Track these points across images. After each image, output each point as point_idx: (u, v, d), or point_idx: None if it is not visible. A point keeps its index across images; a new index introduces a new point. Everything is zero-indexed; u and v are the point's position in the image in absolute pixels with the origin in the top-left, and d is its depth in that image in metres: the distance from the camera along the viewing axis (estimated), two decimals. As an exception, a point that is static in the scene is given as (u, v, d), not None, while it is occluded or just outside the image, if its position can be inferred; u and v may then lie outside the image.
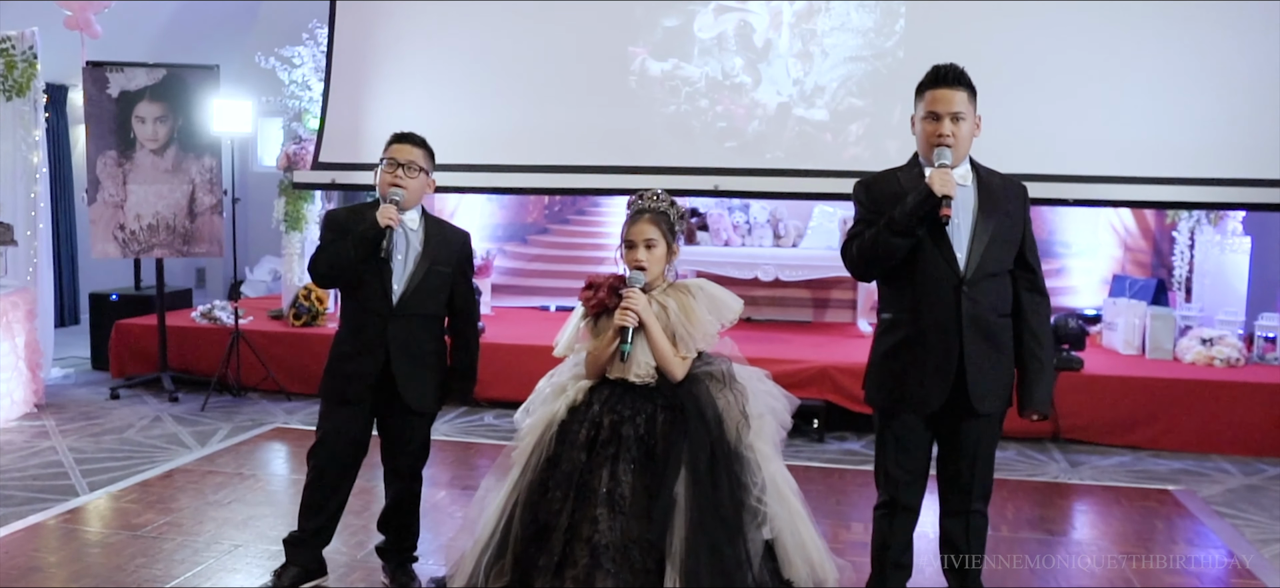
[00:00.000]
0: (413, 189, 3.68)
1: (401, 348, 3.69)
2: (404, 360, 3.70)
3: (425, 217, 3.81)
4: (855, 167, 7.08)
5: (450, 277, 3.81)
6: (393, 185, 3.63)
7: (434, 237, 3.78)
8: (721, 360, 3.32)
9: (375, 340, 3.68)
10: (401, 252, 3.69)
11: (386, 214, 3.56)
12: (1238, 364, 6.53)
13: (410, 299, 3.70)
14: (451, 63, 7.79)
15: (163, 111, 7.27)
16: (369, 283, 3.67)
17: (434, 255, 3.74)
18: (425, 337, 3.78)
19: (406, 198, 3.66)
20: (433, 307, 3.79)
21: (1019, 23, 6.91)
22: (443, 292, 3.80)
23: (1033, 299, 3.33)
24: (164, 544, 4.34)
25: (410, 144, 3.73)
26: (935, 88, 3.24)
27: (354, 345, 3.72)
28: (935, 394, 3.23)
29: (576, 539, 2.96)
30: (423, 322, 3.76)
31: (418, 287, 3.70)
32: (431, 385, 3.81)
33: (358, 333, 3.72)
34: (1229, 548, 4.57)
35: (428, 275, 3.72)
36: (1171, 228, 7.80)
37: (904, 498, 3.38)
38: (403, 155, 3.68)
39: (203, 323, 7.61)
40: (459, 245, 3.86)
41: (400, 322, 3.69)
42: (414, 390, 3.73)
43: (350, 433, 3.77)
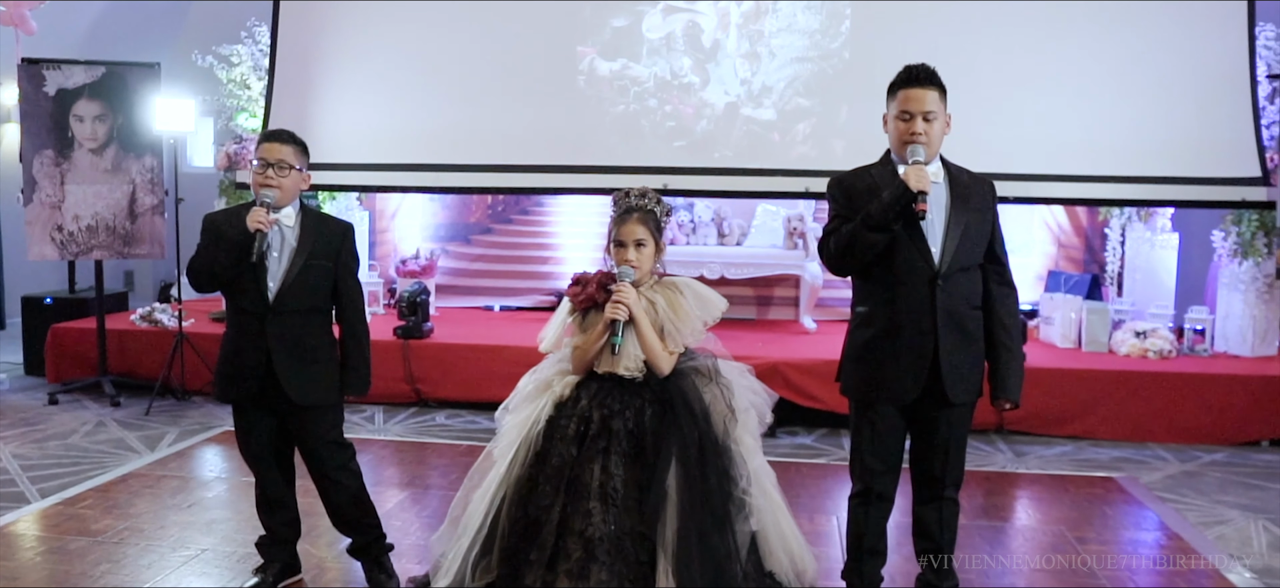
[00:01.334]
0: (285, 187, 3.63)
1: (282, 344, 3.65)
2: (285, 357, 3.65)
3: (304, 211, 3.76)
4: (802, 165, 7.25)
5: (331, 269, 3.75)
6: (264, 186, 3.59)
7: (311, 230, 3.72)
8: (706, 356, 3.39)
9: (255, 339, 3.64)
10: (277, 248, 3.65)
11: (255, 218, 3.52)
12: (1169, 356, 6.77)
13: (287, 295, 3.65)
14: (398, 61, 7.74)
15: (102, 110, 7.11)
16: (245, 283, 3.63)
17: (311, 249, 3.69)
18: (308, 331, 3.72)
19: (279, 197, 3.62)
20: (313, 300, 3.73)
21: (959, 27, 7.09)
22: (323, 284, 3.75)
23: (1002, 291, 3.45)
24: (127, 549, 4.28)
25: (279, 142, 3.67)
26: (907, 87, 3.34)
27: (236, 345, 3.70)
28: (911, 385, 3.33)
29: (569, 533, 3.00)
30: (303, 317, 3.70)
31: (294, 282, 3.66)
32: (319, 379, 3.74)
33: (239, 334, 3.69)
34: (1171, 529, 4.76)
35: (304, 270, 3.67)
36: (1103, 225, 8.07)
37: (879, 487, 3.47)
38: (272, 154, 3.63)
39: (143, 326, 7.46)
40: (338, 237, 3.80)
41: (279, 319, 3.64)
42: (298, 386, 3.67)
43: (257, 431, 3.77)
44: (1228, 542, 4.65)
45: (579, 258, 8.79)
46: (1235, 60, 6.93)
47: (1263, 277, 6.93)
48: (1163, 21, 7.01)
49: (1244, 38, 6.92)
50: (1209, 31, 6.98)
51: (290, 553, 3.90)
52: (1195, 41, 6.99)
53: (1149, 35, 7.02)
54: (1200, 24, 6.99)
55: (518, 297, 8.84)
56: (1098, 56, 7.10)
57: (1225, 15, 6.96)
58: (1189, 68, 6.98)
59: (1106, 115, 7.07)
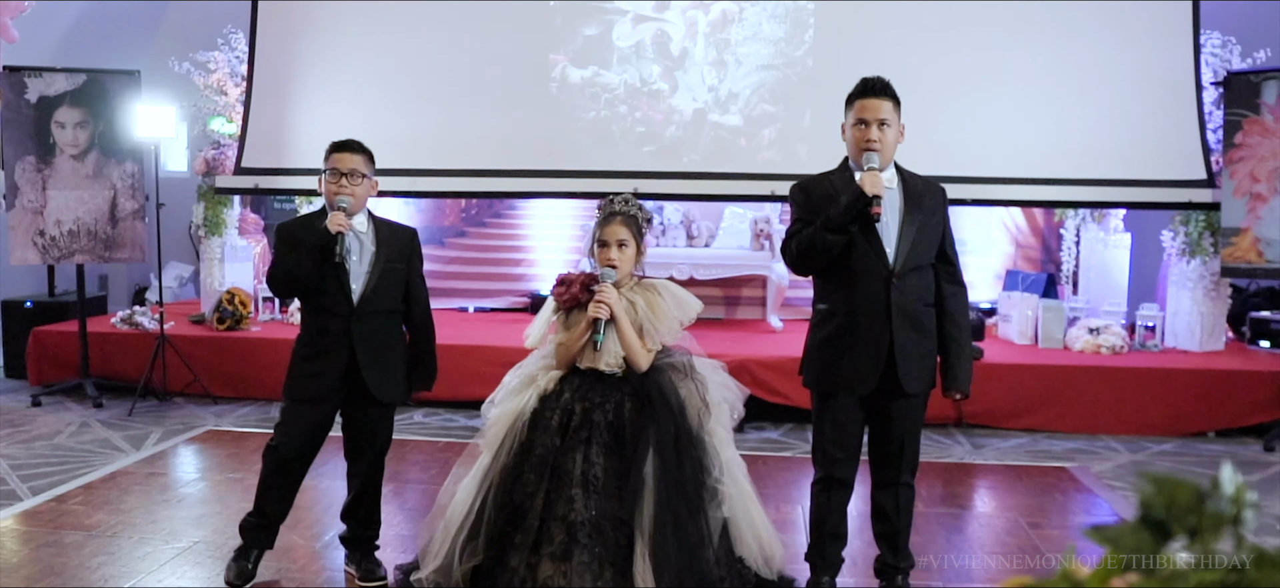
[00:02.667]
0: (358, 195, 3.86)
1: (366, 345, 3.87)
2: (369, 356, 3.88)
3: (372, 218, 3.99)
4: (768, 169, 7.47)
5: (404, 272, 3.99)
6: (338, 193, 3.81)
7: (385, 235, 3.97)
8: (681, 353, 3.61)
9: (340, 340, 3.85)
10: (356, 254, 3.86)
11: (336, 221, 3.74)
12: (1122, 352, 7.05)
13: (371, 297, 3.88)
14: (374, 68, 7.90)
15: (83, 117, 7.25)
16: (328, 287, 3.83)
17: (388, 253, 3.93)
18: (387, 331, 3.97)
19: (353, 204, 3.83)
20: (391, 302, 3.96)
21: (919, 35, 7.34)
22: (399, 287, 3.98)
23: (952, 289, 3.70)
24: (121, 542, 4.44)
25: (350, 152, 3.89)
26: (863, 97, 3.58)
27: (318, 346, 3.88)
28: (869, 376, 3.56)
29: (552, 518, 3.21)
30: (384, 317, 3.94)
31: (376, 285, 3.88)
32: (397, 377, 4.01)
33: (322, 334, 3.88)
34: (1120, 516, 5.02)
35: (384, 273, 3.90)
36: (1059, 226, 8.36)
37: (839, 474, 3.70)
38: (345, 164, 3.85)
39: (124, 328, 7.59)
40: (408, 241, 4.06)
41: (363, 320, 3.86)
42: (381, 383, 3.92)
43: (313, 427, 3.94)
44: (1171, 526, 4.90)
45: (551, 260, 8.98)
46: (1181, 67, 7.23)
47: (1209, 275, 7.23)
48: (1113, 30, 7.29)
49: (1190, 45, 7.23)
50: (1157, 39, 7.27)
51: (271, 537, 4.08)
52: (1144, 49, 7.28)
53: (1100, 43, 7.30)
54: (1149, 32, 7.28)
55: (491, 298, 9.02)
56: (1052, 63, 7.37)
57: (1172, 23, 7.26)
58: (1139, 74, 7.27)
59: (1061, 120, 7.34)
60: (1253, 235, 6.73)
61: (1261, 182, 6.69)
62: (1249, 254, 6.74)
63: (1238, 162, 6.79)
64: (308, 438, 3.94)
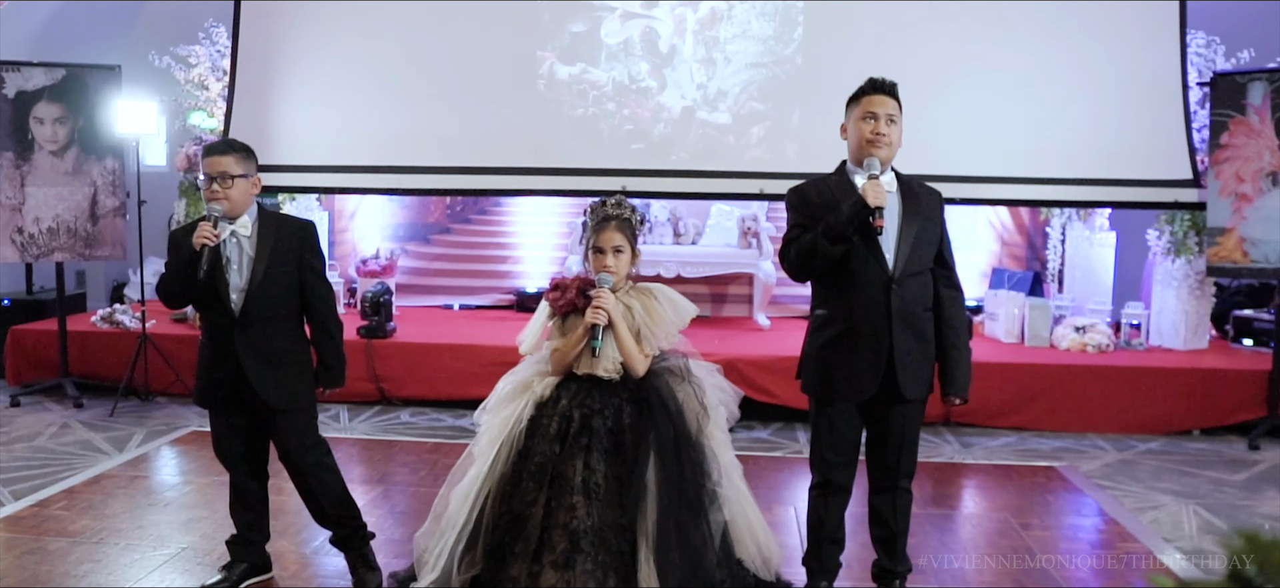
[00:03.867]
0: (233, 197, 3.67)
1: (250, 353, 3.73)
2: (254, 364, 3.73)
3: (262, 217, 3.79)
4: (756, 168, 7.46)
5: (293, 273, 3.81)
6: (211, 200, 3.65)
7: (268, 238, 3.76)
8: (677, 357, 3.58)
9: (225, 349, 3.74)
10: (236, 260, 3.72)
11: (200, 234, 3.58)
12: (1108, 350, 7.08)
13: (251, 305, 3.72)
14: (359, 64, 7.82)
15: (62, 112, 7.14)
16: (210, 297, 3.73)
17: (269, 258, 3.74)
18: (276, 336, 3.79)
19: (229, 208, 3.67)
20: (278, 308, 3.79)
21: (907, 34, 7.33)
22: (288, 290, 3.80)
23: (950, 294, 3.68)
24: (107, 549, 4.37)
25: (217, 154, 3.69)
26: (872, 93, 3.58)
27: (210, 355, 3.81)
28: (868, 382, 3.54)
29: (553, 526, 3.17)
30: (273, 324, 3.78)
31: (257, 292, 3.72)
32: (290, 383, 3.83)
33: (212, 343, 3.81)
34: (1111, 516, 5.03)
35: (266, 279, 3.73)
36: (1045, 224, 8.38)
37: (837, 479, 3.68)
38: (213, 169, 3.65)
39: (104, 327, 7.50)
40: (297, 239, 3.84)
41: (247, 330, 3.72)
42: (270, 391, 3.77)
43: (233, 435, 3.89)
44: (1161, 526, 4.93)
45: (537, 257, 8.95)
46: (1168, 67, 7.25)
47: (1194, 274, 7.26)
48: (1100, 29, 7.30)
49: (1176, 45, 7.24)
50: (1144, 39, 7.29)
51: (258, 553, 4.02)
52: (1131, 49, 7.29)
53: (1087, 42, 7.31)
54: (1135, 32, 7.30)
55: (477, 295, 8.97)
56: (1039, 63, 7.38)
57: (1159, 23, 7.28)
58: (1125, 75, 7.28)
59: (1048, 119, 7.35)
60: (1238, 235, 6.76)
61: (1247, 182, 6.72)
62: (1234, 254, 6.77)
63: (1223, 162, 6.82)
64: (234, 445, 3.89)
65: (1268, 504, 5.28)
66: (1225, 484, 5.64)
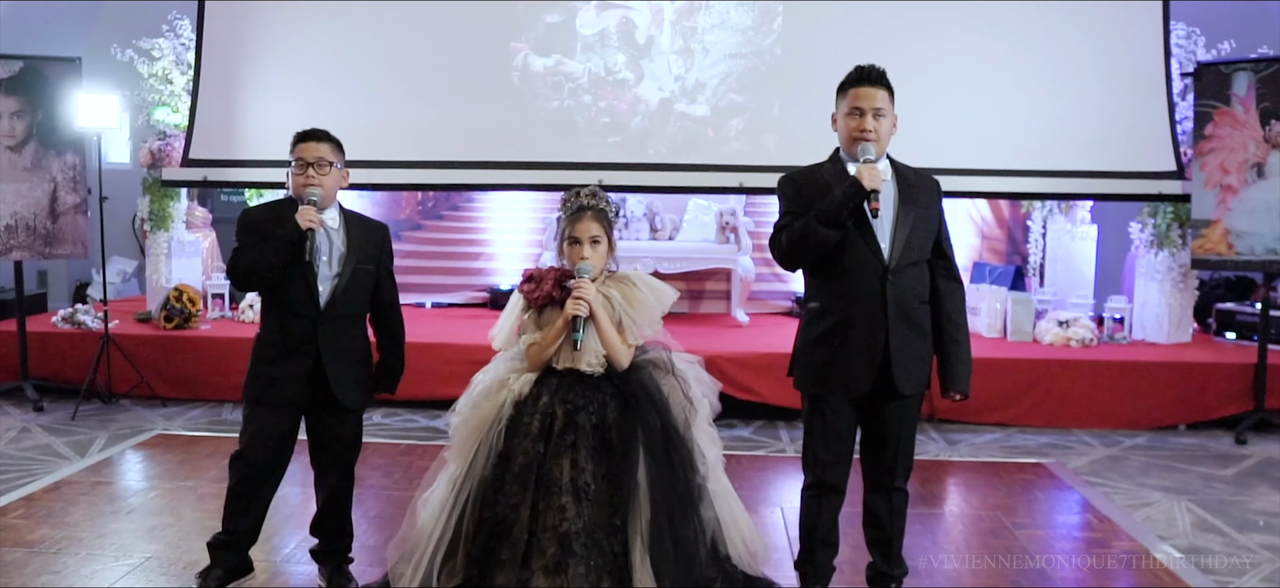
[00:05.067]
0: (327, 186, 3.61)
1: (333, 349, 3.63)
2: (336, 361, 3.64)
3: (344, 213, 3.75)
4: (736, 161, 7.34)
5: (375, 273, 3.76)
6: (307, 186, 3.56)
7: (356, 233, 3.72)
8: (659, 349, 3.43)
9: (304, 343, 3.60)
10: (325, 252, 3.62)
11: (307, 216, 3.49)
12: (1091, 344, 6.99)
13: (339, 300, 3.64)
14: (328, 56, 7.62)
15: (20, 106, 6.90)
16: (294, 286, 3.58)
17: (359, 253, 3.69)
18: (354, 334, 3.74)
19: (323, 196, 3.59)
20: (359, 305, 3.75)
21: (888, 24, 7.21)
22: (368, 288, 3.76)
23: (949, 286, 3.55)
24: (66, 560, 4.17)
25: (315, 141, 3.64)
26: (858, 85, 3.42)
27: (281, 348, 3.63)
28: (863, 377, 3.40)
29: (542, 530, 3.01)
30: (350, 321, 3.71)
31: (345, 287, 3.65)
32: (363, 383, 3.78)
33: (285, 336, 3.63)
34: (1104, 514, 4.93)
35: (355, 275, 3.67)
36: (1025, 217, 8.30)
37: (831, 479, 3.54)
38: (310, 153, 3.60)
39: (66, 327, 7.26)
40: (380, 238, 3.82)
41: (329, 324, 3.62)
42: (347, 390, 3.68)
43: (278, 435, 3.69)
44: (1155, 523, 4.83)
45: (511, 253, 8.79)
46: (1151, 58, 7.18)
47: (1177, 266, 7.19)
48: (1083, 21, 7.22)
49: (1160, 36, 7.18)
50: (1127, 31, 7.22)
51: (242, 557, 3.84)
52: (1114, 40, 7.22)
53: (1070, 34, 7.23)
54: (1118, 23, 7.22)
55: (450, 293, 8.80)
56: (1022, 54, 7.29)
57: (1142, 14, 7.21)
58: (1108, 66, 7.21)
59: (1030, 111, 7.26)
60: (1223, 227, 6.68)
61: (1232, 173, 6.64)
62: (1219, 246, 6.69)
63: (1208, 153, 6.74)
64: (273, 445, 3.68)
65: (1260, 500, 5.20)
66: (1215, 480, 5.55)
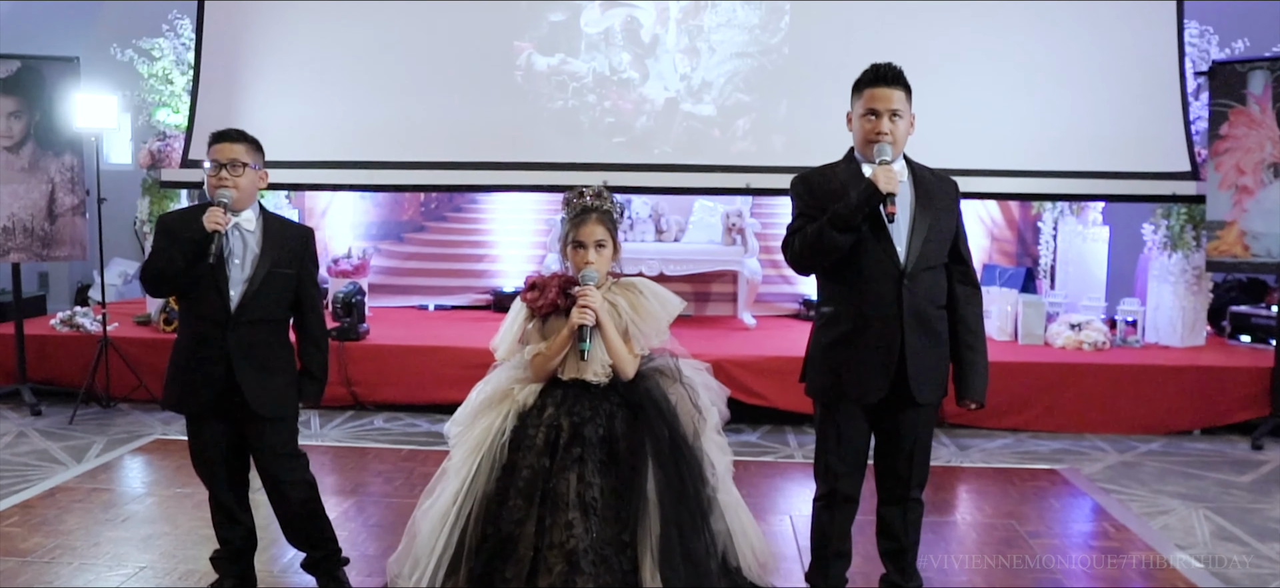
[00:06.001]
0: (242, 187, 3.47)
1: (244, 356, 3.50)
2: (248, 368, 3.51)
3: (264, 215, 3.61)
4: (743, 161, 7.23)
5: (294, 277, 3.63)
6: (219, 186, 3.44)
7: (274, 236, 3.58)
8: (665, 356, 3.33)
9: (215, 349, 3.48)
10: (238, 255, 3.51)
11: (212, 218, 3.36)
12: (1104, 348, 6.88)
13: (251, 305, 3.51)
14: (330, 55, 7.52)
15: (17, 106, 6.81)
16: (204, 290, 3.47)
17: (274, 257, 3.56)
18: (270, 341, 3.60)
19: (237, 198, 3.46)
20: (276, 310, 3.61)
21: (896, 23, 7.11)
22: (286, 293, 3.62)
23: (966, 291, 3.44)
24: (59, 569, 4.08)
25: (229, 141, 3.51)
26: (874, 85, 3.31)
27: (193, 355, 3.52)
28: (877, 385, 3.30)
29: (548, 547, 2.90)
30: (265, 327, 3.57)
31: (258, 291, 3.51)
32: (280, 390, 3.62)
33: (197, 342, 3.52)
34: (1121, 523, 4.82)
35: (268, 278, 3.53)
36: (1036, 219, 8.18)
37: (844, 489, 3.44)
38: (224, 155, 3.47)
39: (64, 330, 7.17)
40: (300, 242, 3.67)
41: (241, 329, 3.50)
42: (261, 397, 3.54)
43: (212, 442, 3.61)
44: (1173, 532, 4.72)
45: (515, 255, 8.69)
46: (1165, 57, 7.07)
47: (1191, 268, 7.08)
48: (1096, 19, 7.11)
49: (1173, 35, 7.07)
50: (1140, 29, 7.11)
51: (245, 567, 3.75)
52: (1126, 39, 7.11)
53: (1082, 33, 7.12)
54: (1131, 22, 7.11)
55: (453, 295, 8.70)
56: (1034, 53, 7.18)
57: (1155, 13, 7.10)
58: (1121, 65, 7.10)
59: (1043, 111, 7.15)
60: (1238, 228, 6.57)
61: (1248, 174, 6.53)
62: (1235, 248, 6.58)
63: (1223, 153, 6.63)
64: (215, 453, 3.61)
65: (1279, 508, 5.09)
66: (1232, 486, 5.45)
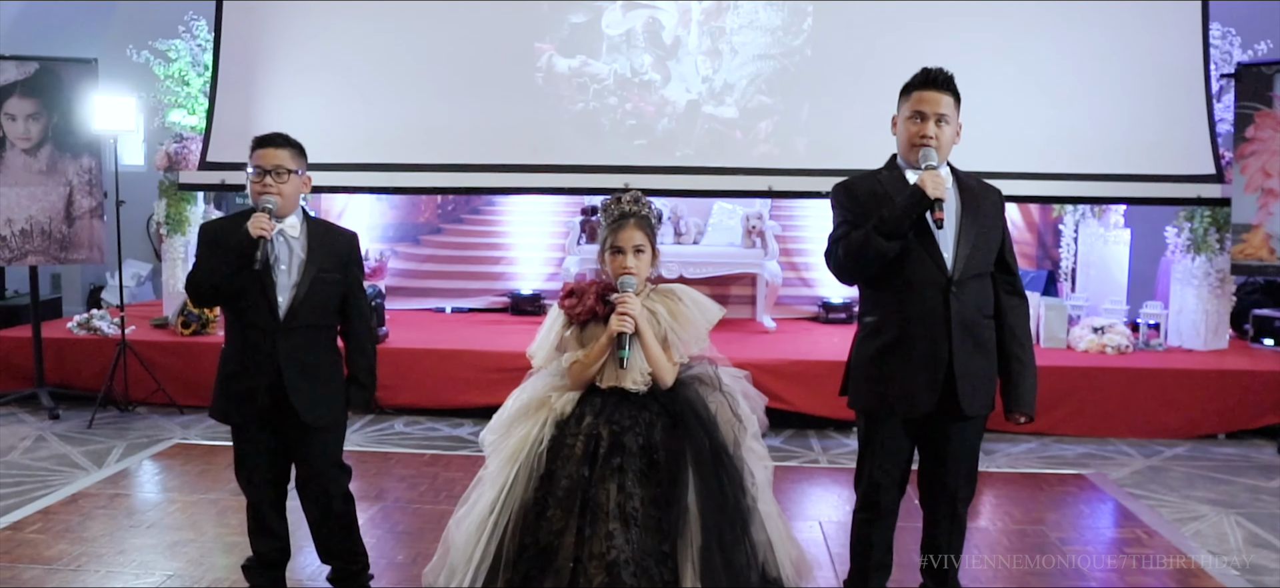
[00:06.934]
0: (286, 194, 3.44)
1: (293, 363, 3.46)
2: (297, 376, 3.47)
3: (307, 220, 3.58)
4: (765, 164, 7.20)
5: (340, 283, 3.59)
6: (263, 193, 3.40)
7: (318, 242, 3.54)
8: (704, 363, 3.28)
9: (264, 357, 3.44)
10: (285, 261, 3.47)
11: (258, 223, 3.32)
12: (1127, 351, 6.83)
13: (299, 311, 3.47)
14: (348, 56, 7.49)
15: (35, 108, 6.78)
16: (251, 297, 3.43)
17: (320, 262, 3.52)
18: (318, 348, 3.56)
19: (280, 204, 3.42)
20: (323, 316, 3.57)
21: (920, 26, 7.05)
22: (333, 299, 3.58)
23: (1012, 301, 3.37)
24: (86, 577, 4.04)
25: (274, 147, 3.47)
26: (923, 89, 3.26)
27: (241, 363, 3.48)
28: (926, 396, 3.23)
29: (588, 558, 2.85)
30: (314, 333, 3.54)
31: (305, 297, 3.48)
32: (329, 398, 3.58)
33: (244, 350, 3.48)
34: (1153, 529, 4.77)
35: (314, 284, 3.50)
36: (1057, 221, 8.13)
37: (886, 503, 3.39)
38: (268, 161, 3.42)
39: (81, 333, 7.14)
40: (346, 247, 3.64)
41: (290, 336, 3.46)
42: (310, 406, 3.50)
43: (260, 453, 3.56)
44: (1205, 539, 4.67)
45: (532, 258, 8.66)
46: (1189, 59, 7.02)
47: (1215, 271, 7.02)
48: (1119, 21, 7.06)
49: (1198, 37, 7.02)
50: (1164, 30, 7.06)
51: (276, 578, 3.71)
52: (1151, 41, 7.06)
53: (1107, 35, 7.07)
54: (1155, 23, 7.07)
55: (470, 298, 8.67)
56: (1057, 55, 7.14)
57: (1180, 15, 7.05)
58: (1145, 67, 7.05)
59: (1065, 113, 7.10)
60: (1264, 232, 6.53)
61: (1274, 177, 6.49)
62: (1261, 251, 6.53)
63: (1249, 156, 6.58)
64: (260, 463, 3.56)
65: (1312, 514, 5.05)
66: (1262, 492, 5.40)
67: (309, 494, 3.62)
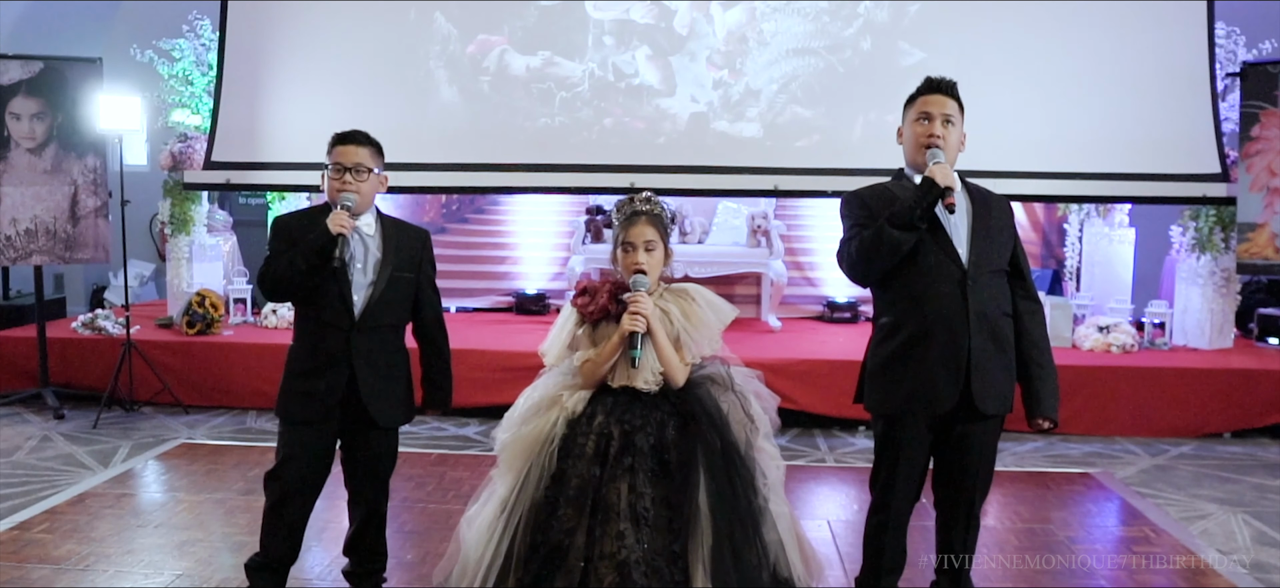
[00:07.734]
0: (364, 192, 3.45)
1: (367, 362, 3.45)
2: (371, 375, 3.46)
3: (381, 219, 3.58)
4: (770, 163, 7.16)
5: (414, 282, 3.59)
6: (342, 191, 3.40)
7: (393, 240, 3.54)
8: (716, 363, 3.28)
9: (338, 356, 3.42)
10: (360, 260, 3.46)
11: (338, 220, 3.32)
12: (1132, 350, 6.83)
13: (374, 310, 3.46)
14: (351, 57, 7.49)
15: (40, 107, 6.78)
16: (327, 295, 3.41)
17: (395, 261, 3.51)
18: (391, 348, 3.55)
19: (359, 202, 3.43)
20: (398, 316, 3.56)
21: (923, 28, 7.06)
22: (407, 298, 3.58)
23: (1028, 305, 3.36)
24: (95, 577, 4.03)
25: (354, 144, 3.47)
26: (928, 93, 3.30)
27: (314, 362, 3.45)
28: (946, 393, 3.20)
29: (599, 558, 2.84)
30: (388, 333, 3.53)
31: (381, 296, 3.47)
32: (401, 398, 3.59)
33: (317, 348, 3.45)
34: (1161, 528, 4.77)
35: (390, 283, 3.49)
36: (1062, 220, 8.13)
37: (901, 504, 3.38)
38: (348, 158, 3.43)
39: (86, 333, 7.14)
40: (420, 246, 3.65)
41: (365, 335, 3.45)
42: (383, 406, 3.50)
43: (314, 453, 3.51)
44: (1213, 537, 4.67)
45: (537, 257, 8.66)
46: (1195, 58, 7.02)
47: (1220, 271, 7.02)
48: (1125, 21, 7.06)
49: (1203, 36, 7.01)
50: (1170, 30, 7.06)
51: (281, 580, 3.70)
52: (1156, 40, 7.05)
53: (1113, 34, 7.07)
54: (1161, 23, 7.06)
55: (475, 298, 8.66)
56: (1062, 54, 7.13)
57: (1185, 14, 7.04)
58: (1150, 66, 7.05)
59: (1070, 112, 7.10)
60: (1270, 230, 6.53)
61: (1279, 176, 6.48)
62: (1266, 250, 6.53)
63: (1254, 155, 6.58)
64: (310, 464, 3.51)
65: (1320, 513, 5.04)
66: (1269, 490, 5.40)
67: (364, 494, 3.62)
